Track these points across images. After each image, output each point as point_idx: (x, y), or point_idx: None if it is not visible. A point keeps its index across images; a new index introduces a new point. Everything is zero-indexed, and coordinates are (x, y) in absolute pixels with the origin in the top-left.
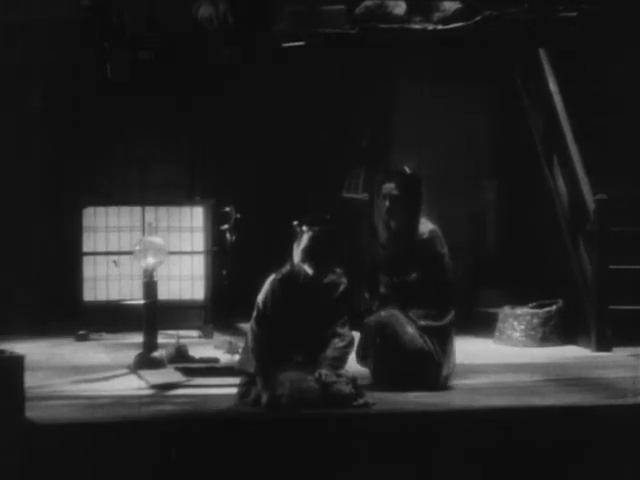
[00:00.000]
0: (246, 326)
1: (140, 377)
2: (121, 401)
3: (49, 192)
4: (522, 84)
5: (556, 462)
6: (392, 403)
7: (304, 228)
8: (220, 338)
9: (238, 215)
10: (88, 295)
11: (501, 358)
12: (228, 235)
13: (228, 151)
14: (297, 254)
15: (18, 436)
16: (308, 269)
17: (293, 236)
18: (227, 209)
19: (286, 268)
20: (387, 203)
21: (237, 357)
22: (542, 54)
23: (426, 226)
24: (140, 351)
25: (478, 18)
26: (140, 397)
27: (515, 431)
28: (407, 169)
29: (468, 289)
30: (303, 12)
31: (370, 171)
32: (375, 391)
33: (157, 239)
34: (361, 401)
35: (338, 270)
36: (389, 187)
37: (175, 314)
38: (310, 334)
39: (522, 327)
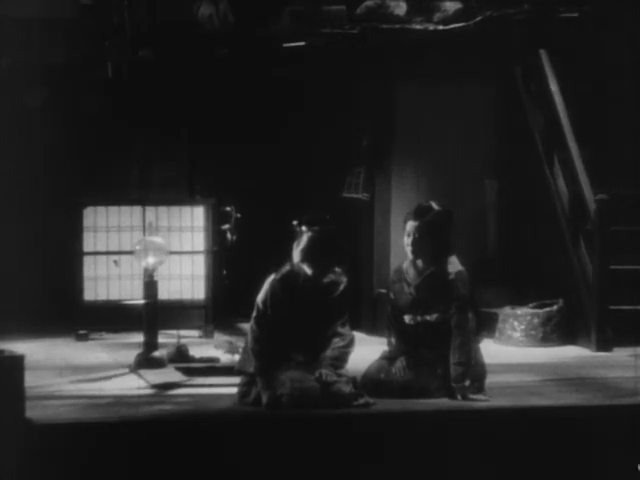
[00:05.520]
0: (246, 326)
1: (140, 377)
2: (121, 401)
3: (49, 192)
4: (522, 84)
5: (556, 462)
6: (392, 403)
7: (303, 228)
8: (220, 338)
9: (238, 215)
10: (88, 295)
11: (501, 358)
12: (228, 235)
13: (228, 151)
14: (296, 254)
15: (18, 436)
16: (307, 269)
17: (293, 236)
18: (227, 209)
19: (285, 268)
20: (410, 241)
21: (237, 357)
22: (542, 54)
23: (454, 266)
24: (140, 351)
25: (479, 18)
26: (140, 397)
27: (515, 431)
28: (435, 205)
29: None
30: (303, 12)
31: (370, 171)
32: None
33: (157, 239)
34: (361, 401)
35: (338, 269)
36: (412, 225)
37: (175, 314)
38: (310, 334)
39: (522, 327)
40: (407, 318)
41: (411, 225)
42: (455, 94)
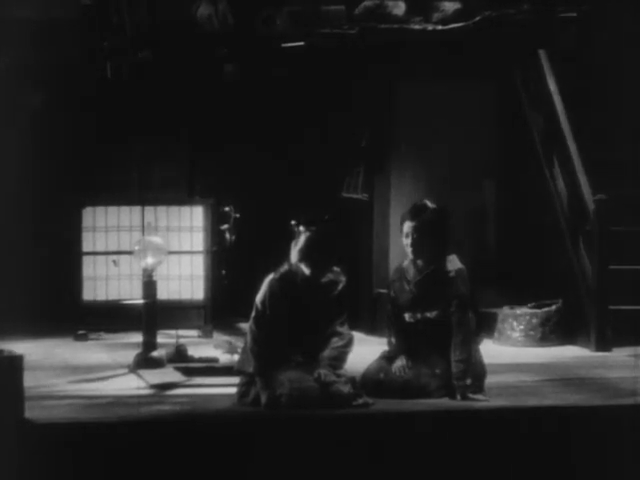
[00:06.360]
0: (245, 326)
1: (139, 377)
2: (121, 401)
3: (49, 192)
4: (522, 84)
5: (556, 462)
6: (391, 403)
7: (301, 228)
8: (219, 338)
9: (237, 215)
10: (88, 295)
11: (501, 358)
12: (227, 235)
13: (228, 151)
14: (294, 254)
15: (18, 436)
16: (305, 269)
17: (292, 236)
18: (226, 209)
19: (284, 268)
20: (410, 242)
21: (236, 357)
22: (542, 54)
23: (454, 264)
24: (139, 351)
25: (478, 18)
26: (139, 397)
27: (515, 431)
28: (429, 203)
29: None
30: (303, 12)
31: (369, 171)
32: None
33: (157, 239)
34: (360, 401)
35: (336, 269)
36: (409, 226)
37: (174, 314)
38: (309, 334)
39: (522, 327)
40: (407, 316)
41: (408, 226)
42: (454, 94)
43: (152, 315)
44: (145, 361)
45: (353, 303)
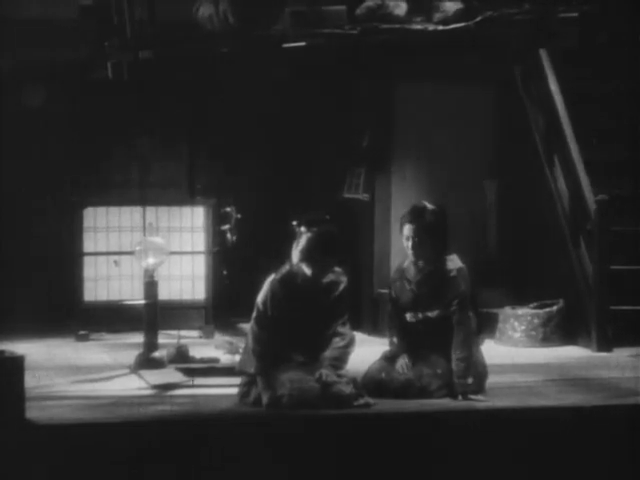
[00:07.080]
0: (247, 326)
1: (140, 377)
2: (121, 401)
3: (49, 192)
4: (522, 84)
5: (556, 462)
6: (392, 403)
7: (302, 229)
8: (221, 338)
9: (239, 215)
10: (89, 295)
11: (502, 358)
12: (229, 235)
13: (228, 151)
14: (295, 254)
15: (18, 436)
16: (306, 269)
17: (293, 236)
18: (228, 209)
19: (285, 268)
20: (411, 244)
21: (238, 357)
22: (542, 54)
23: (454, 263)
24: (141, 351)
25: (479, 19)
26: (141, 397)
27: (515, 431)
28: (428, 205)
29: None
30: (304, 12)
31: (370, 171)
32: None
33: (158, 239)
34: (362, 401)
35: (337, 269)
36: (410, 228)
37: (176, 314)
38: (310, 334)
39: (523, 327)
40: (408, 316)
41: (409, 228)
42: (455, 94)
43: (153, 315)
44: (146, 361)
45: (354, 303)
